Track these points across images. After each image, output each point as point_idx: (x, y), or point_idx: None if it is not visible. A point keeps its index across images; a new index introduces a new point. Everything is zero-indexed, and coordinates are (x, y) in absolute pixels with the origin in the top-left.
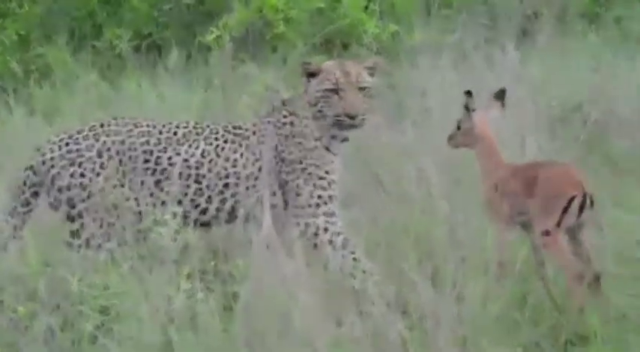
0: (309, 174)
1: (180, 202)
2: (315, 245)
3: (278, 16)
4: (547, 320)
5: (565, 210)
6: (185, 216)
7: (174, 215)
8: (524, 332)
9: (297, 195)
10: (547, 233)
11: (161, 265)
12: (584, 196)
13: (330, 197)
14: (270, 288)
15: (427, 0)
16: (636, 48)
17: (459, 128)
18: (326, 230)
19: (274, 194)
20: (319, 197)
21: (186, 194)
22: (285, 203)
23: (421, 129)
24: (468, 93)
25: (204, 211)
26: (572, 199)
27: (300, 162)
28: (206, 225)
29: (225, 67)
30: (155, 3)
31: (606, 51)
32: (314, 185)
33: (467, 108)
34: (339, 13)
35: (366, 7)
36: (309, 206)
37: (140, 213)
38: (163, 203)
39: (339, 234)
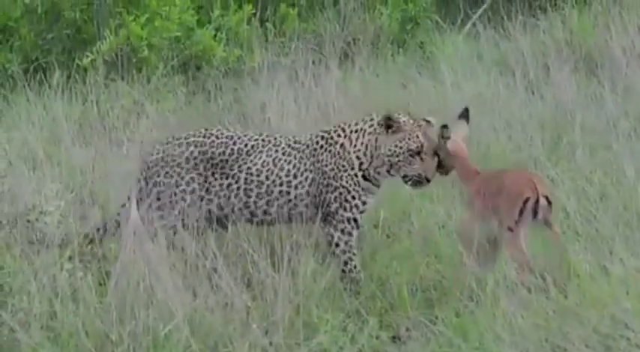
0: (340, 193)
1: (246, 204)
2: (329, 251)
3: (142, 42)
4: (365, 292)
5: (522, 210)
6: (252, 216)
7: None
8: (347, 301)
9: (327, 205)
10: (510, 229)
11: (47, 249)
12: (538, 197)
13: (348, 219)
14: (137, 268)
15: (265, 29)
16: (436, 67)
17: (438, 156)
18: (337, 245)
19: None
20: (341, 215)
21: (249, 197)
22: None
23: None
24: (445, 126)
25: (265, 213)
26: (527, 200)
27: (336, 180)
28: (271, 224)
29: (99, 85)
30: (40, 32)
31: (412, 70)
32: (340, 204)
33: (442, 137)
34: (192, 40)
35: (215, 36)
36: (333, 219)
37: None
38: (234, 204)
39: (345, 252)
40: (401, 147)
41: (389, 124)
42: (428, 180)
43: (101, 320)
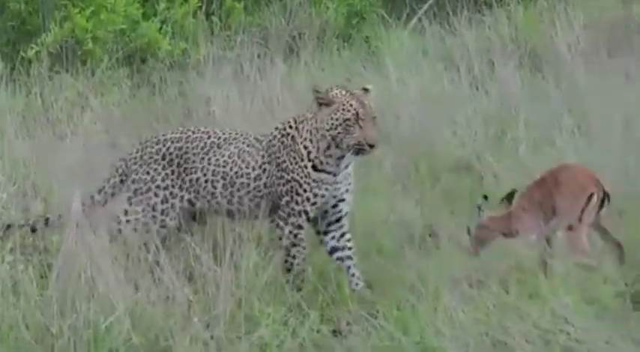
0: (291, 186)
1: (213, 195)
2: (278, 244)
3: (87, 35)
4: (307, 286)
5: (585, 205)
6: (217, 209)
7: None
8: (289, 294)
9: (278, 198)
10: (570, 228)
11: None
12: (604, 193)
13: (299, 212)
14: (79, 260)
15: (210, 23)
16: (382, 62)
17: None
18: (288, 237)
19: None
20: (292, 209)
21: (215, 188)
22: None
23: None
24: (485, 197)
25: (229, 203)
26: (591, 196)
27: (288, 173)
28: (236, 216)
29: (43, 78)
30: None
31: (357, 64)
32: (291, 197)
33: (479, 208)
34: (138, 33)
35: (160, 29)
36: (284, 212)
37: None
38: (208, 197)
39: (295, 245)
40: (337, 119)
41: (318, 97)
42: (370, 146)
43: (42, 312)
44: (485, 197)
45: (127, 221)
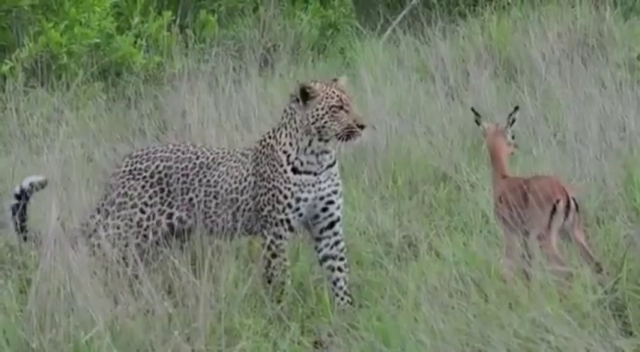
0: (272, 195)
1: (207, 214)
2: (262, 254)
3: (62, 49)
4: (288, 297)
5: (552, 213)
6: (212, 228)
7: None
8: (269, 306)
9: (260, 209)
10: (541, 237)
11: None
12: (568, 200)
13: (281, 220)
14: (58, 275)
15: (185, 36)
16: (357, 73)
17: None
18: (269, 248)
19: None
20: (273, 218)
21: (209, 208)
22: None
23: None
24: (472, 109)
25: (224, 220)
26: (557, 203)
27: (269, 182)
28: (232, 233)
29: (19, 93)
30: None
31: (332, 76)
32: (273, 206)
33: (477, 122)
34: (112, 47)
35: (135, 42)
36: (265, 221)
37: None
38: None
39: (276, 256)
40: (322, 108)
41: (306, 92)
42: (361, 127)
43: (22, 328)
44: (473, 109)
45: (106, 235)
